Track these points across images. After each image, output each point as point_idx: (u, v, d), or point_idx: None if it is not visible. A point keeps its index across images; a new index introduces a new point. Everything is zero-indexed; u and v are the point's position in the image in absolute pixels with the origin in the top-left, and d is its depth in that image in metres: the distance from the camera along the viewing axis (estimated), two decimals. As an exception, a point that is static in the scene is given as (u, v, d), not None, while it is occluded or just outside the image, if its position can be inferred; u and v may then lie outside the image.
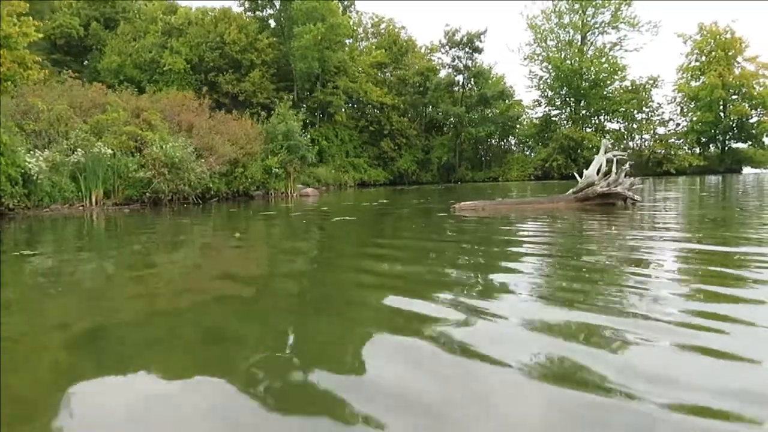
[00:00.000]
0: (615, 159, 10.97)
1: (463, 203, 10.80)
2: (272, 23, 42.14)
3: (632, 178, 11.35)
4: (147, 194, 16.89)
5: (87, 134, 16.23)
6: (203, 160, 18.75)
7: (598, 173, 10.99)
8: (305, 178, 25.03)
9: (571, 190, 11.22)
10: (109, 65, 35.50)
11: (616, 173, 10.76)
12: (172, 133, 19.35)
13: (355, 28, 56.32)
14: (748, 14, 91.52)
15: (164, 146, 16.94)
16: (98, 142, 16.00)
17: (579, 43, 48.89)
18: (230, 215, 12.93)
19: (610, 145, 11.73)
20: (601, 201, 10.80)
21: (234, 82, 37.93)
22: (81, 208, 15.18)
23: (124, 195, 16.79)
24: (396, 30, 52.44)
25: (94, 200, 15.70)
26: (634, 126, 51.21)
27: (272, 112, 25.02)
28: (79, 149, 15.32)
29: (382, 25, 53.47)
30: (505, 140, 54.04)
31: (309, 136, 25.21)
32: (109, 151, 15.97)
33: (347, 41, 53.15)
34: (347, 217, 10.98)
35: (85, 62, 39.70)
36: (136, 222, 11.16)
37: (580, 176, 11.23)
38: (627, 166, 10.90)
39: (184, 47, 36.52)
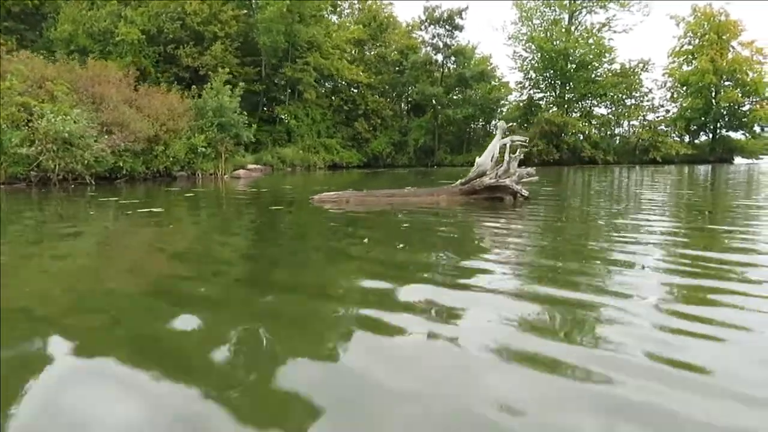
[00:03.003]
0: (508, 145, 9.29)
1: (323, 194, 9.18)
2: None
3: (528, 169, 9.69)
4: (33, 173, 15.31)
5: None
6: (109, 137, 17.13)
7: (503, 163, 9.33)
8: (240, 159, 23.25)
9: (458, 181, 9.57)
10: (61, 34, 33.63)
11: (507, 162, 9.08)
12: (82, 106, 17.70)
13: (339, 3, 54.37)
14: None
15: (52, 119, 15.26)
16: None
17: (566, 23, 46.62)
18: (91, 200, 11.29)
19: (506, 127, 9.96)
20: (489, 195, 9.15)
21: (195, 56, 35.99)
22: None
23: (8, 173, 15.21)
24: (378, 5, 50.19)
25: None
26: (624, 111, 49.02)
27: (235, 87, 23.35)
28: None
29: (369, 1, 51.26)
30: (489, 123, 52.02)
31: (245, 113, 23.35)
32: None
33: (329, 16, 51.55)
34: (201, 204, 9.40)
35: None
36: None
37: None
38: (519, 153, 9.20)
39: (142, 17, 34.56)
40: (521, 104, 49.43)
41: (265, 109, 41.33)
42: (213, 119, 21.16)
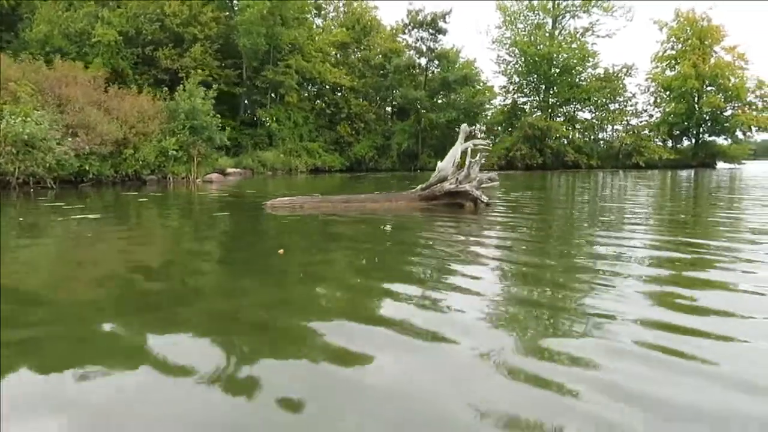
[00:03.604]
0: (469, 149, 9.00)
1: (277, 199, 8.83)
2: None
3: (490, 173, 9.40)
4: (-9, 176, 14.81)
5: None
6: (73, 139, 16.66)
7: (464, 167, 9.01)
8: (218, 162, 22.80)
9: (419, 186, 9.24)
10: (36, 35, 33.01)
11: (468, 167, 8.77)
12: (48, 107, 17.22)
13: (324, 6, 53.98)
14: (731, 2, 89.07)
15: (12, 121, 14.78)
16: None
17: (550, 27, 46.58)
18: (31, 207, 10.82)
19: (468, 130, 9.68)
20: (450, 201, 8.84)
21: (174, 58, 35.49)
22: None
23: (-35, 177, 14.72)
24: (363, 8, 49.89)
25: None
26: (607, 116, 49.02)
27: (210, 89, 22.90)
28: None
29: (354, 4, 50.91)
30: (474, 128, 51.73)
31: (219, 117, 22.87)
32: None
33: (313, 19, 51.16)
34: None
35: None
36: None
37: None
38: (479, 158, 8.90)
39: (120, 18, 34.05)
40: (506, 108, 49.33)
41: (247, 112, 40.87)
42: (185, 122, 20.68)
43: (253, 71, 39.31)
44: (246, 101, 40.40)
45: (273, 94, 40.75)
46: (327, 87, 45.58)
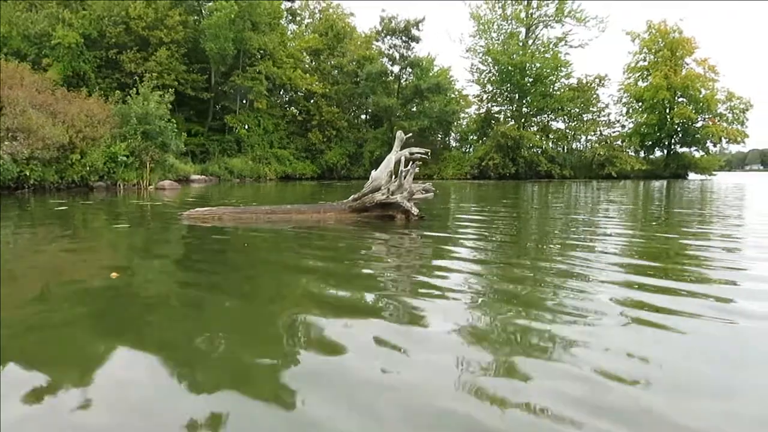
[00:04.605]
0: (403, 158, 8.45)
1: (194, 210, 8.18)
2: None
3: (425, 183, 8.85)
4: None
5: None
6: (10, 143, 15.84)
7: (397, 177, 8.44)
8: (168, 169, 22.00)
9: (351, 197, 8.67)
10: (-6, 36, 31.97)
11: (400, 176, 8.22)
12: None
13: (300, 12, 53.41)
14: (704, 14, 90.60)
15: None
16: None
17: (523, 37, 46.52)
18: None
19: (404, 137, 9.15)
20: (381, 212, 8.28)
21: (139, 61, 34.64)
22: None
23: None
24: (338, 14, 49.41)
25: None
26: (580, 126, 49.03)
27: (165, 93, 22.19)
28: None
29: (330, 10, 50.42)
30: (447, 136, 51.58)
31: (174, 121, 22.10)
32: None
33: (288, 25, 50.56)
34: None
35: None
36: None
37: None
38: (411, 167, 8.35)
39: (84, 20, 33.13)
40: (480, 117, 49.15)
41: (216, 118, 40.02)
42: (137, 126, 19.92)
43: (221, 76, 38.56)
44: (214, 107, 39.55)
45: (243, 100, 40.02)
46: (299, 94, 45.01)
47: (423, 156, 8.84)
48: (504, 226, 8.08)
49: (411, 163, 8.41)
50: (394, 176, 8.41)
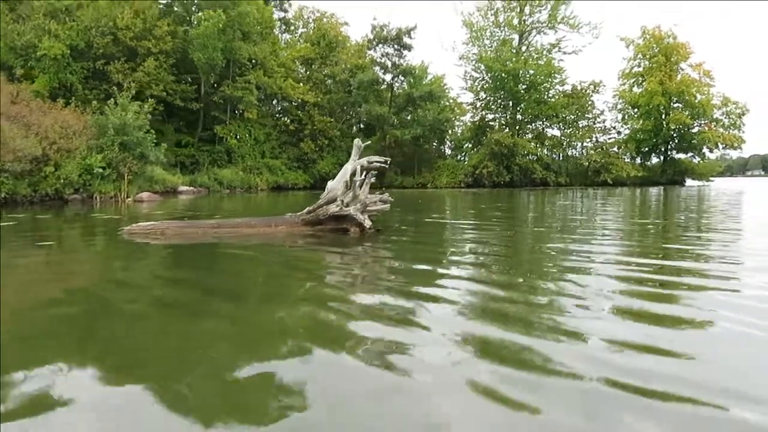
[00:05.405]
0: (359, 167, 7.99)
1: (135, 225, 7.72)
2: (177, 9, 38.52)
3: (382, 194, 8.39)
4: None
5: None
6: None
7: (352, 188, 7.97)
8: (151, 180, 21.61)
9: (306, 209, 8.20)
10: (-21, 48, 31.71)
11: (354, 187, 7.75)
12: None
13: (294, 21, 53.18)
14: (698, 16, 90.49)
15: None
16: None
17: (516, 43, 46.20)
18: None
19: (362, 146, 8.71)
20: (336, 225, 7.81)
21: (127, 72, 34.32)
22: None
23: None
24: (331, 24, 49.19)
25: None
26: (575, 133, 48.58)
27: (145, 103, 21.83)
28: None
29: (324, 20, 50.21)
30: (442, 144, 51.21)
31: (152, 132, 21.65)
32: None
33: (281, 35, 50.34)
34: None
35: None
36: None
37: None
38: (366, 176, 7.89)
39: (71, 31, 32.84)
40: (474, 125, 48.75)
41: (206, 128, 39.62)
42: (114, 137, 19.51)
43: (211, 86, 38.23)
44: (205, 117, 39.17)
45: (233, 110, 39.67)
46: (292, 103, 44.67)
47: (382, 165, 8.37)
48: (461, 242, 7.57)
49: (366, 172, 7.94)
50: (349, 187, 7.95)
